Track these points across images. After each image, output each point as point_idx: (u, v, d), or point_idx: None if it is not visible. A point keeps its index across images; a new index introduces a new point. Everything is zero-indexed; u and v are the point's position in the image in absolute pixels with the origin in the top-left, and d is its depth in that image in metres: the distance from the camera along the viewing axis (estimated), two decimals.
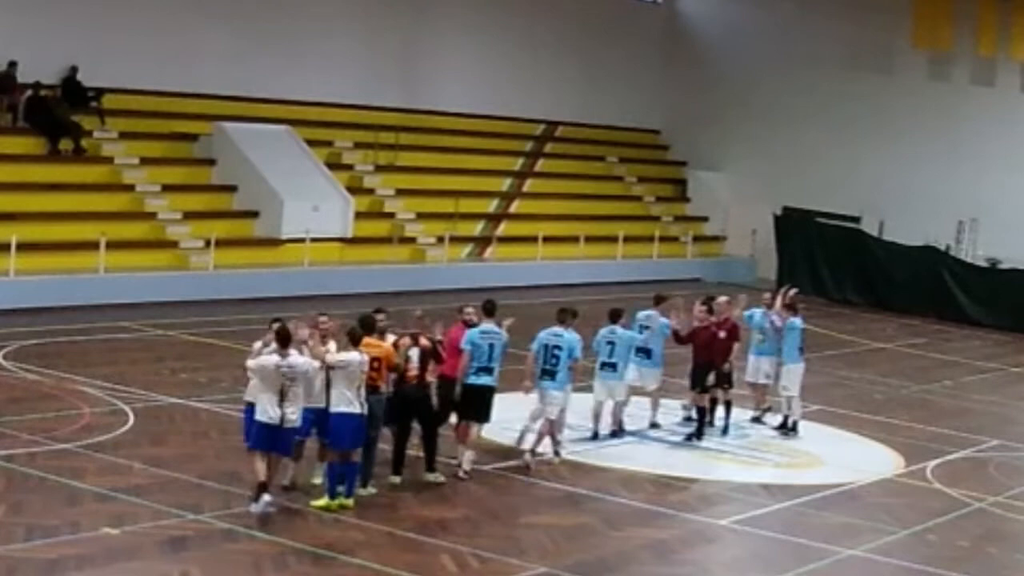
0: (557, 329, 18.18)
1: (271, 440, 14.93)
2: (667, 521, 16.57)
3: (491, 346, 17.16)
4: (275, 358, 14.92)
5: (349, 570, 13.76)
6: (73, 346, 23.57)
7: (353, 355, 15.33)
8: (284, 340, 14.99)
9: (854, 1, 41.75)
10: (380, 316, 16.28)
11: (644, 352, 20.32)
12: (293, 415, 14.91)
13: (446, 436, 17.36)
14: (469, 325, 17.43)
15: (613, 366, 19.47)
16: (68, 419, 18.38)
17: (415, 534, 14.87)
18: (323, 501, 15.36)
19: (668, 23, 45.78)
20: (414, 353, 16.44)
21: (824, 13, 42.25)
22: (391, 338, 16.31)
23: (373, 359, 15.61)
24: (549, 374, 18.01)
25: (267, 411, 14.81)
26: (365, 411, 15.39)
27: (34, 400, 19.37)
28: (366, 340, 15.66)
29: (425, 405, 16.68)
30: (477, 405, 17.21)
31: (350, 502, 15.44)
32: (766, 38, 43.56)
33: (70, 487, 15.43)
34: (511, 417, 18.53)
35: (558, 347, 17.98)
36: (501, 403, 17.69)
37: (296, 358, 14.99)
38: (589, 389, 19.94)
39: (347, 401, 15.25)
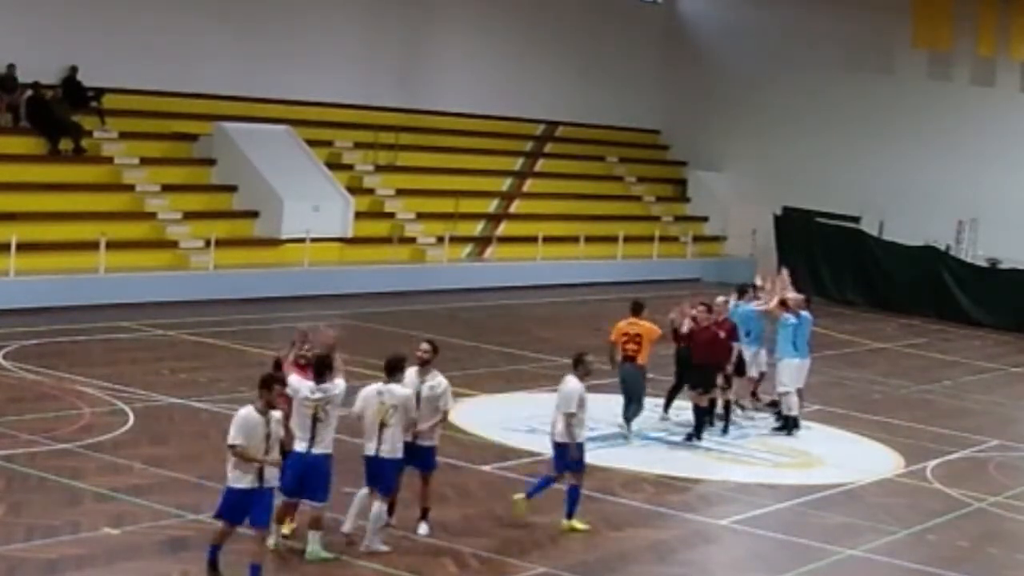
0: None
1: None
2: (667, 521, 16.57)
3: None
4: (378, 385, 14.09)
5: (349, 570, 13.75)
6: (73, 346, 23.57)
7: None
8: (395, 368, 14.19)
9: (854, 1, 41.74)
10: None
11: None
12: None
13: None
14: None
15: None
16: (68, 419, 18.38)
17: (415, 534, 14.85)
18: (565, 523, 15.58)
19: (668, 23, 45.76)
20: (685, 324, 20.66)
21: (824, 13, 42.22)
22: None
23: (635, 335, 19.49)
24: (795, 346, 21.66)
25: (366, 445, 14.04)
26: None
27: (34, 400, 19.38)
28: (632, 320, 19.51)
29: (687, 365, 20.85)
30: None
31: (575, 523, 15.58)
32: (766, 38, 43.55)
33: (70, 487, 15.44)
34: (510, 417, 18.56)
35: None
36: (504, 404, 17.72)
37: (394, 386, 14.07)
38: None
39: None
